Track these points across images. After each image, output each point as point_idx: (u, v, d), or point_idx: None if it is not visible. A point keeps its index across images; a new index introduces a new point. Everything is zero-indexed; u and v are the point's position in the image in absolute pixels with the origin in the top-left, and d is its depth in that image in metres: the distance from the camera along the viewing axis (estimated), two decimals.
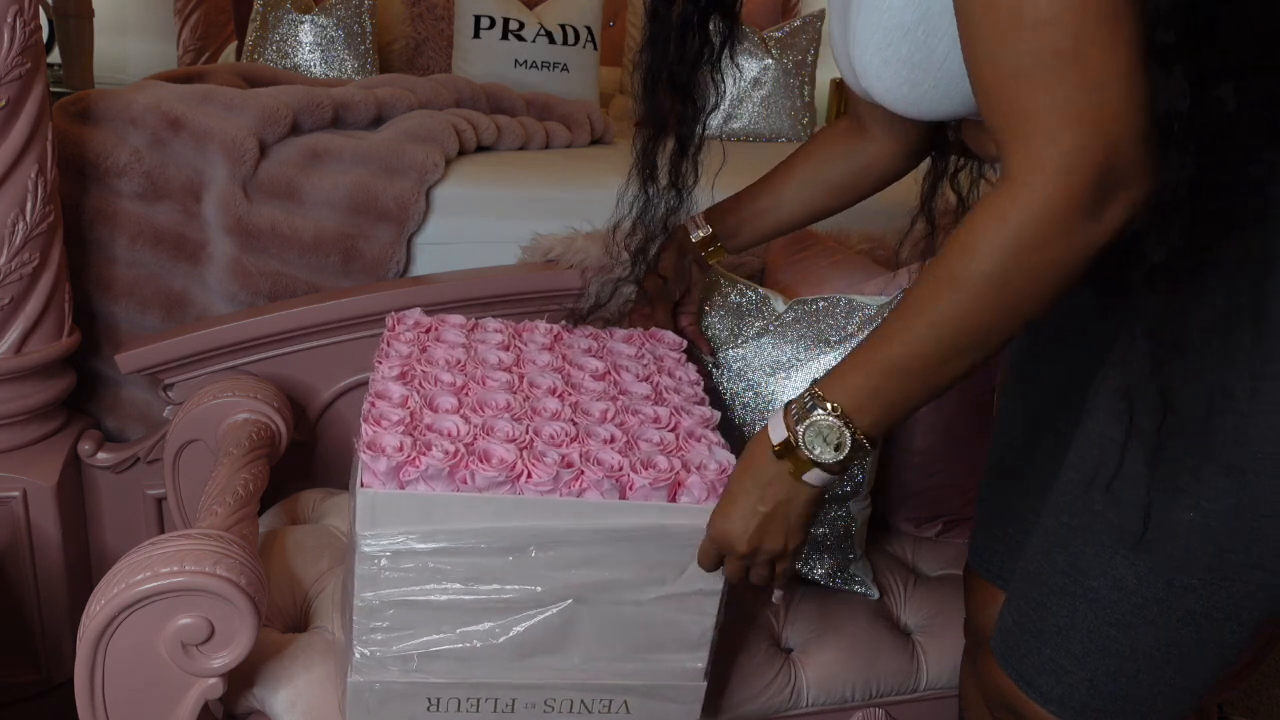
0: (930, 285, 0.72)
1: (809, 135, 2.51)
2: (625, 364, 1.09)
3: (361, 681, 0.91)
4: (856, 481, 1.25)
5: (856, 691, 1.21)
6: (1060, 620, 0.82)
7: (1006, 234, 0.67)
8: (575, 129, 1.99)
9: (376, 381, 0.98)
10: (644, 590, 0.92)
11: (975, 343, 0.72)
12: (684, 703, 0.98)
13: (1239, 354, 0.71)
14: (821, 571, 1.28)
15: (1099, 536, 0.79)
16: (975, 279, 0.69)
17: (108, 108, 1.47)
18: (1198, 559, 0.75)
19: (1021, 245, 0.67)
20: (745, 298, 1.27)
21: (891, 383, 0.75)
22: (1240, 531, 0.73)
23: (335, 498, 1.33)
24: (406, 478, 0.86)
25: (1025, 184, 0.66)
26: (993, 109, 0.67)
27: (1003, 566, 1.00)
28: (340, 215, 1.50)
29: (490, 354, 1.07)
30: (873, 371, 0.76)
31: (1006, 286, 0.68)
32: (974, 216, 0.69)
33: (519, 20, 2.41)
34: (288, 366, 1.39)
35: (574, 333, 1.15)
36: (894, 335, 0.74)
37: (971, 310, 0.70)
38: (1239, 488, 0.72)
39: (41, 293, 1.32)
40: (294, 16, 2.27)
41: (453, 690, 0.93)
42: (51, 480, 1.35)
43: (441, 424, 0.92)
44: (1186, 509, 0.74)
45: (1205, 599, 0.76)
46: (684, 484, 0.90)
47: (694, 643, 0.95)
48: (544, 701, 0.95)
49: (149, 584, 0.86)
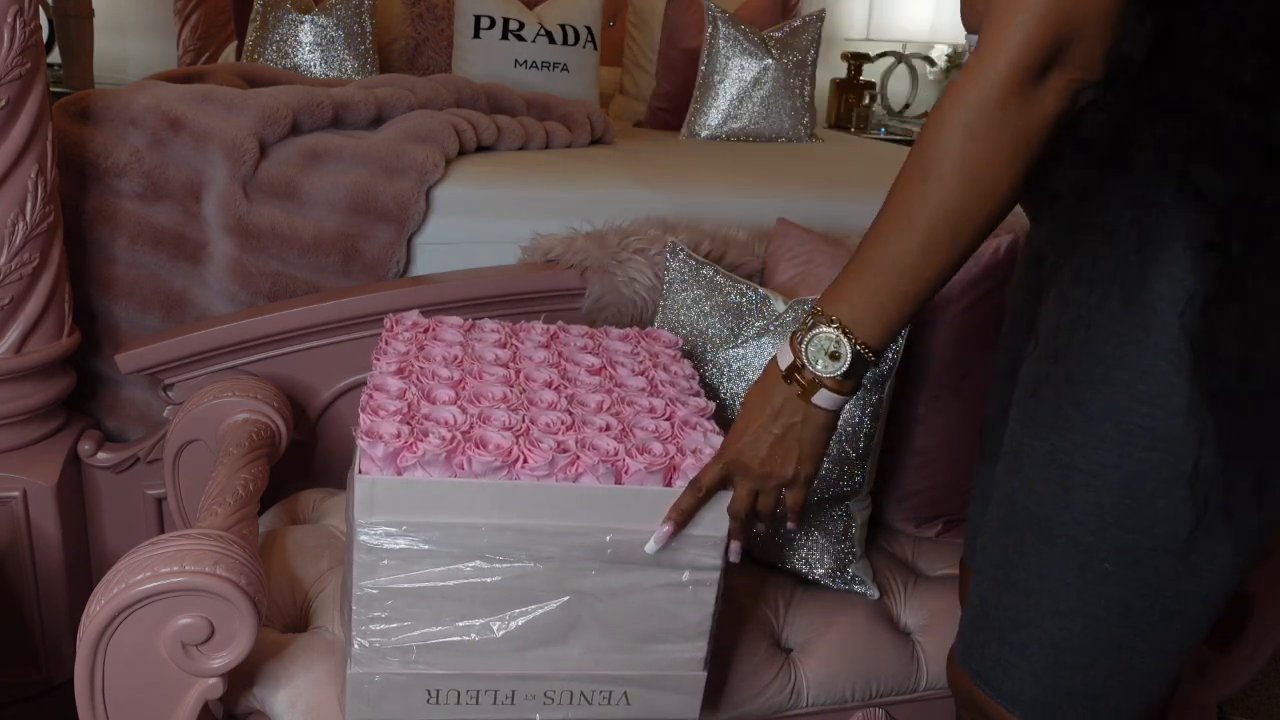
0: (902, 177, 0.74)
1: (809, 135, 2.51)
2: (621, 360, 1.10)
3: (361, 673, 0.91)
4: (856, 482, 1.25)
5: (856, 691, 1.21)
6: (999, 615, 0.82)
7: (964, 105, 0.70)
8: (575, 129, 2.00)
9: (374, 376, 1.00)
10: (643, 578, 0.92)
11: (953, 231, 0.74)
12: (684, 693, 0.98)
13: (1111, 324, 0.72)
14: (821, 571, 1.28)
15: (1020, 526, 0.80)
16: (940, 158, 0.72)
17: (108, 108, 1.47)
18: (1104, 541, 0.75)
19: (977, 116, 0.70)
20: (745, 298, 1.27)
21: (883, 284, 0.76)
22: (1135, 510, 0.73)
23: (335, 498, 1.33)
24: (404, 464, 0.87)
25: (980, 56, 0.69)
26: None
27: None
28: (340, 215, 1.50)
29: (487, 351, 1.09)
30: (863, 277, 0.77)
31: (968, 160, 0.71)
32: (940, 99, 0.73)
33: (519, 20, 2.41)
34: (288, 366, 1.39)
35: (570, 331, 1.16)
36: (877, 237, 0.76)
37: (941, 193, 0.72)
38: (1120, 461, 0.72)
39: (41, 293, 1.32)
40: (294, 16, 2.27)
41: (452, 682, 0.93)
42: (51, 480, 1.35)
43: (438, 414, 0.93)
44: (1081, 487, 0.74)
45: (1123, 586, 0.75)
46: (679, 468, 0.91)
47: (692, 632, 0.96)
48: (544, 693, 0.95)
49: (149, 584, 0.86)
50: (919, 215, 0.73)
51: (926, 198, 0.73)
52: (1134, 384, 0.72)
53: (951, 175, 0.71)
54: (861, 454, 1.24)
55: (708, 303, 1.29)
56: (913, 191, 0.73)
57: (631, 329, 1.20)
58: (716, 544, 0.92)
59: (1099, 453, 0.74)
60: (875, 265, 0.76)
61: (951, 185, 0.72)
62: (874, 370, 1.21)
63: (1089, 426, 0.74)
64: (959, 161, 0.71)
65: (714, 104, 2.42)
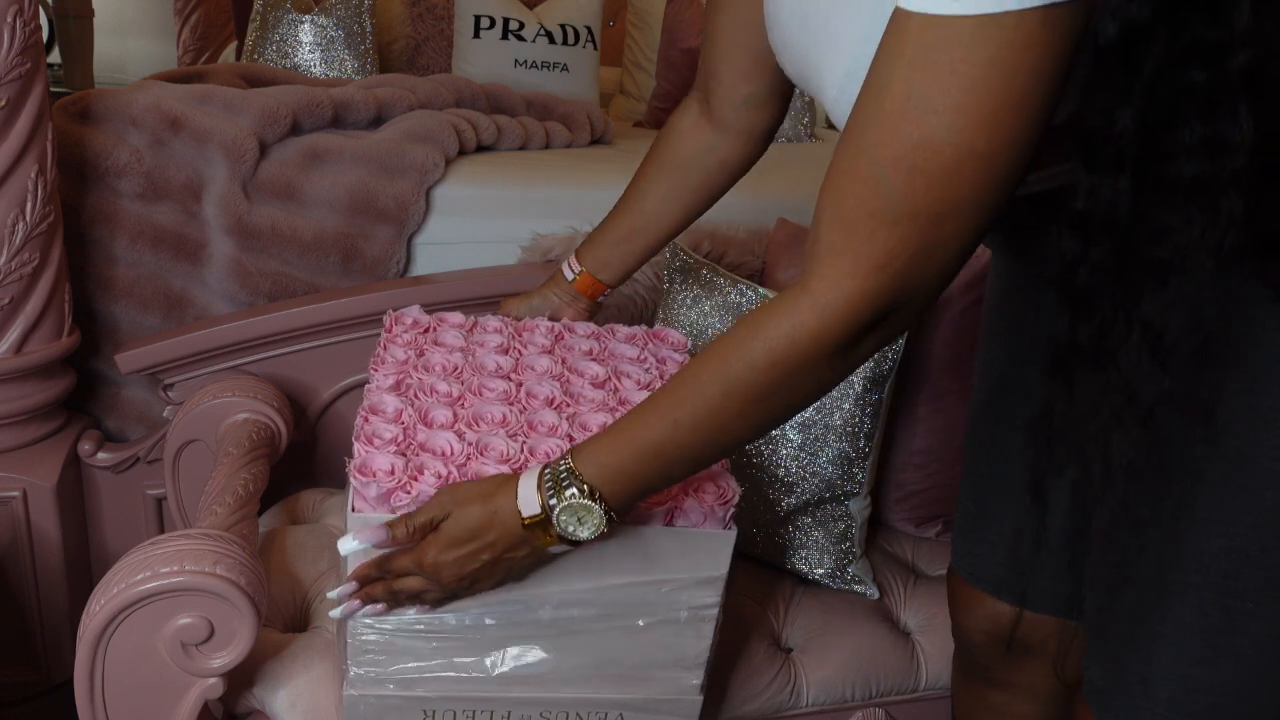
0: (709, 379, 0.71)
1: (809, 135, 2.51)
2: (627, 369, 1.06)
3: (356, 695, 0.91)
4: (857, 481, 1.25)
5: (856, 691, 1.21)
6: (1138, 666, 0.77)
7: (793, 354, 0.66)
8: (575, 129, 2.00)
9: (371, 393, 0.96)
10: (639, 616, 0.91)
11: (727, 444, 0.74)
12: (681, 716, 0.97)
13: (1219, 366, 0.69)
14: (821, 571, 1.28)
15: (1153, 578, 0.75)
16: (749, 391, 0.69)
17: (108, 108, 1.47)
18: (1245, 582, 0.71)
19: (798, 367, 0.67)
20: (745, 298, 1.27)
21: (646, 466, 0.75)
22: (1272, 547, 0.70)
23: (335, 498, 1.33)
24: (398, 504, 0.84)
25: (826, 306, 0.64)
26: (835, 210, 0.64)
27: (986, 571, 0.99)
28: (340, 215, 1.50)
29: (488, 359, 1.04)
30: (630, 454, 0.75)
31: (772, 397, 0.69)
32: (766, 322, 0.68)
33: (519, 20, 2.41)
34: (288, 366, 1.39)
35: (575, 332, 1.12)
36: (661, 417, 0.73)
37: (736, 416, 0.70)
38: (1254, 503, 0.70)
39: (41, 293, 1.32)
40: (294, 16, 2.27)
41: (448, 704, 0.92)
42: (51, 480, 1.35)
43: (435, 441, 0.90)
44: (1215, 536, 0.72)
45: (1267, 622, 0.71)
46: (682, 508, 0.88)
47: (691, 662, 0.94)
48: (539, 715, 0.94)
49: (149, 584, 0.86)
50: (705, 423, 0.71)
51: (722, 408, 0.70)
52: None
53: (749, 403, 0.70)
54: (861, 454, 1.24)
55: (708, 303, 1.29)
56: (709, 398, 0.71)
57: (639, 328, 1.15)
58: (715, 583, 0.91)
59: (1229, 501, 0.71)
60: (645, 446, 0.74)
61: (747, 411, 0.70)
62: (874, 370, 1.21)
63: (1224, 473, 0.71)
64: (763, 395, 0.69)
65: None
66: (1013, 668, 1.01)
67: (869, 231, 0.62)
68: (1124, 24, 0.54)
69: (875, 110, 0.60)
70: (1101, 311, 0.62)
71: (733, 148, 1.03)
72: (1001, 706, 1.04)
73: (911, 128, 0.58)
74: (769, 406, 0.70)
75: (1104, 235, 0.59)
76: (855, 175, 0.62)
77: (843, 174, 0.63)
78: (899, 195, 0.60)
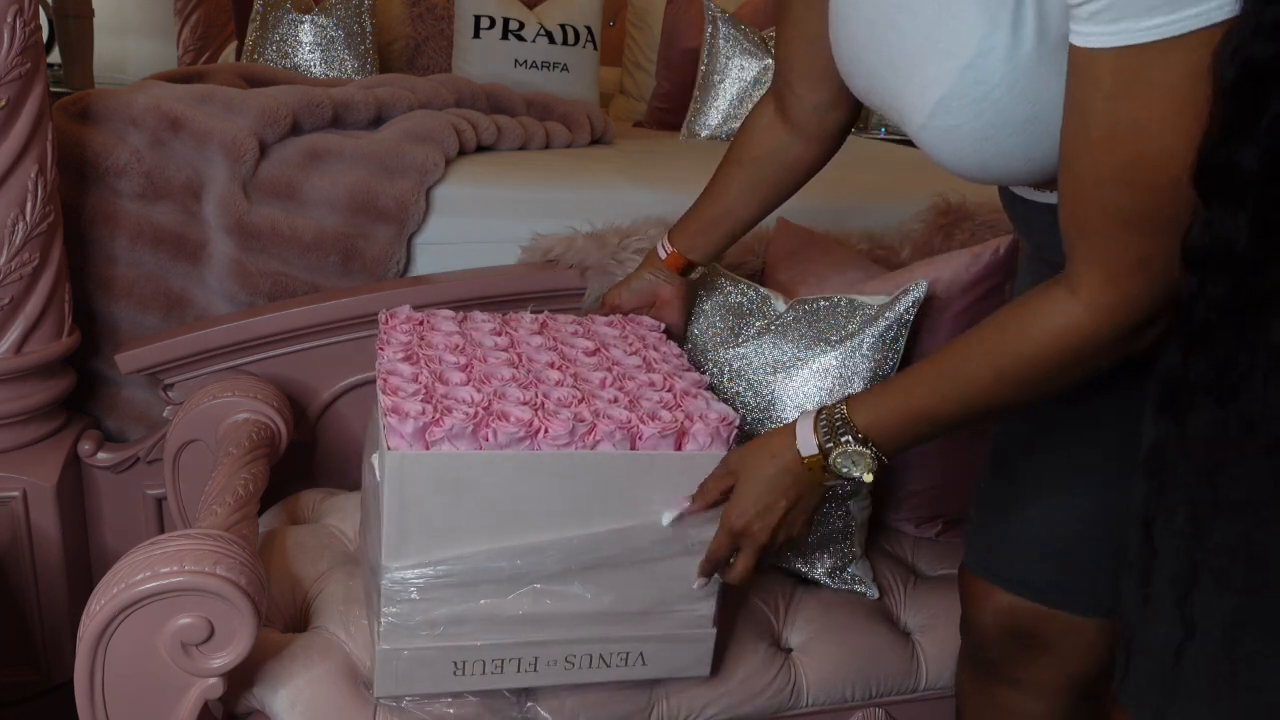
0: (979, 363, 0.80)
1: None
2: (612, 342, 1.14)
3: (389, 650, 0.95)
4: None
5: (856, 691, 1.21)
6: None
7: (1065, 350, 0.75)
8: (575, 129, 2.00)
9: (384, 363, 1.01)
10: (655, 551, 0.97)
11: (999, 414, 0.83)
12: (697, 650, 1.05)
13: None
14: (821, 571, 1.28)
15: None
16: (1021, 377, 0.78)
17: (108, 108, 1.47)
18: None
19: (1074, 360, 0.76)
20: (745, 297, 1.27)
21: (918, 426, 0.85)
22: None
23: (335, 498, 1.33)
24: (432, 438, 0.90)
25: (1096, 307, 0.73)
26: (1079, 226, 0.73)
27: (1000, 566, 1.00)
28: (340, 215, 1.50)
29: (486, 338, 1.11)
30: (904, 413, 0.85)
31: (1047, 383, 0.78)
32: (1039, 318, 0.76)
33: (519, 20, 2.41)
34: (288, 366, 1.39)
35: (558, 320, 1.20)
36: (931, 389, 0.83)
37: (1008, 394, 0.80)
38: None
39: (41, 293, 1.32)
40: (294, 16, 2.27)
41: (478, 653, 0.97)
42: (51, 480, 1.35)
43: (456, 394, 0.96)
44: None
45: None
46: (689, 432, 0.96)
47: (702, 594, 1.02)
48: (565, 659, 1.00)
49: (149, 584, 0.86)
50: (979, 400, 0.81)
51: (995, 391, 0.79)
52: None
53: (1024, 386, 0.78)
54: None
55: (708, 302, 1.29)
56: (983, 382, 0.80)
57: (615, 315, 1.22)
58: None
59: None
60: (918, 410, 0.84)
61: (1021, 392, 0.79)
62: (874, 371, 1.21)
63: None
64: (1039, 380, 0.78)
65: (714, 104, 2.42)
66: (1024, 663, 1.01)
67: (1122, 240, 0.70)
68: (1246, 60, 0.57)
69: (1084, 142, 0.70)
70: (1220, 344, 0.63)
71: (806, 147, 1.11)
72: (1011, 704, 1.04)
73: (1123, 148, 0.67)
74: (1042, 391, 0.79)
75: (1221, 271, 0.62)
76: (1082, 198, 0.72)
77: (1070, 197, 0.73)
78: (1129, 206, 0.69)
